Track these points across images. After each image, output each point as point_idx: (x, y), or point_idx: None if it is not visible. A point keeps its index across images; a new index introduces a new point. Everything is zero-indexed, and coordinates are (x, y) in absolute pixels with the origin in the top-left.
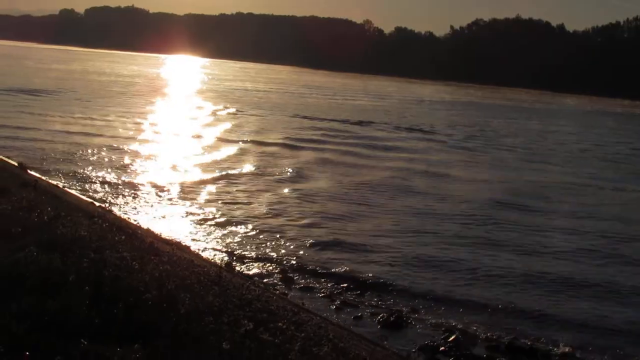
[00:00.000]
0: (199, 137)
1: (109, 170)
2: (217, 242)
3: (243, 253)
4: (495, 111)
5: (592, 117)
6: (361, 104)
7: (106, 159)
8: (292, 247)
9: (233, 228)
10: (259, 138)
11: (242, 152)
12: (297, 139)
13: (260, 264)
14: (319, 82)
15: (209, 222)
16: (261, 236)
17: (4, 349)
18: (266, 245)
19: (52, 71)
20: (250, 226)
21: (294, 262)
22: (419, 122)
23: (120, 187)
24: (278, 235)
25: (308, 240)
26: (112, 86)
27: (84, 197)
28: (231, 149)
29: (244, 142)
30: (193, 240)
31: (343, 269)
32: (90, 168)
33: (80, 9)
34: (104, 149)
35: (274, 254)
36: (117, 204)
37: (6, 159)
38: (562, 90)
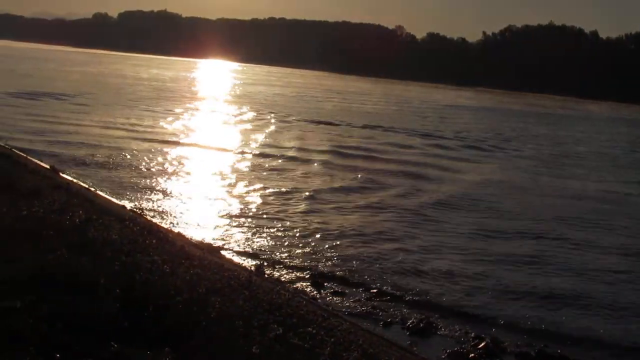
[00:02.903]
0: (231, 142)
1: (140, 173)
2: (248, 246)
3: (274, 257)
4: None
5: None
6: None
7: (136, 163)
8: (323, 252)
9: (264, 233)
10: (294, 145)
11: (279, 158)
12: (325, 145)
13: (291, 269)
14: (358, 88)
15: (240, 227)
16: (292, 241)
17: (34, 350)
18: (297, 250)
19: (73, 74)
20: (282, 231)
21: (325, 267)
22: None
23: (151, 190)
24: (309, 241)
25: (339, 246)
26: (134, 90)
27: (116, 201)
28: (265, 156)
29: (283, 147)
30: (224, 244)
31: (373, 275)
32: (121, 171)
33: (114, 13)
34: (134, 152)
35: (304, 259)
36: (148, 208)
37: (38, 162)
38: (594, 97)
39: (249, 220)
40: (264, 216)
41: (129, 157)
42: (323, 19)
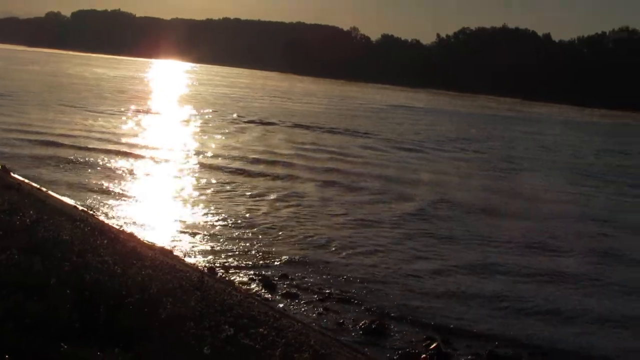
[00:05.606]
0: (181, 142)
1: (93, 174)
2: (201, 247)
3: (226, 259)
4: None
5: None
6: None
7: (90, 163)
8: (276, 254)
9: (217, 234)
10: (240, 140)
11: (225, 157)
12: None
13: (244, 270)
14: (302, 88)
15: (193, 228)
16: (246, 243)
17: None
18: (250, 252)
19: (15, 72)
20: (234, 233)
21: (278, 269)
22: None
23: (103, 191)
24: (263, 243)
25: (293, 249)
26: (71, 89)
27: (68, 201)
28: (214, 156)
29: (226, 145)
30: (176, 245)
31: (326, 278)
32: (74, 172)
33: (67, 12)
34: (87, 153)
35: (257, 261)
36: (101, 208)
37: None
38: (548, 99)
39: (202, 222)
40: (216, 218)
41: (75, 158)
42: (278, 19)
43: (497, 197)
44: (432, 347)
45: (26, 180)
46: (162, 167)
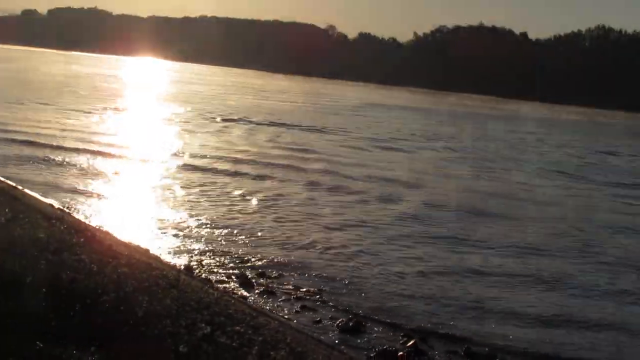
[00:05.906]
0: (158, 141)
1: (70, 172)
2: (177, 245)
3: (203, 257)
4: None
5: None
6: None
7: (66, 161)
8: (253, 253)
9: (194, 232)
10: (218, 139)
11: (203, 157)
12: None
13: (221, 268)
14: (277, 85)
15: (170, 226)
16: (224, 242)
17: None
18: (228, 250)
19: None
20: (211, 231)
21: (255, 267)
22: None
23: (80, 189)
24: (241, 242)
25: (270, 247)
26: (42, 86)
27: (44, 199)
28: (192, 155)
29: (203, 144)
30: (153, 243)
31: (304, 275)
32: (50, 170)
33: (43, 9)
34: (63, 151)
35: (235, 259)
36: (77, 207)
37: None
38: (523, 97)
39: (180, 221)
40: (195, 217)
41: (51, 156)
42: (255, 17)
43: (479, 197)
44: (409, 344)
45: (1, 179)
46: (140, 166)
